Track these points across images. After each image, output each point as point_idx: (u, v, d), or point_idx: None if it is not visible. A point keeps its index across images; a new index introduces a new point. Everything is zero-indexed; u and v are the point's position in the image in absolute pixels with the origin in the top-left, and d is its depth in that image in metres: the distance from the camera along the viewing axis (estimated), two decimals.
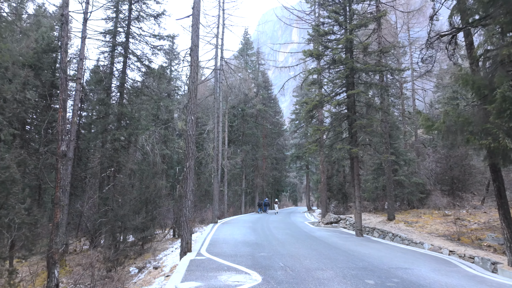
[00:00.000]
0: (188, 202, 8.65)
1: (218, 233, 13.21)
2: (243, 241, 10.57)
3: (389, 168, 15.25)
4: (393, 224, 14.50)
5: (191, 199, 8.72)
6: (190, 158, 8.86)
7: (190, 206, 8.69)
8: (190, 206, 8.69)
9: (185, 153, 8.95)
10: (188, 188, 8.71)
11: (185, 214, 8.58)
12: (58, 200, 7.48)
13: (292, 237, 11.94)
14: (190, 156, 8.87)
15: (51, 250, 7.11)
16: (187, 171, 8.78)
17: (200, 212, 24.81)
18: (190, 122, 9.02)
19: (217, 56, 19.33)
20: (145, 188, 13.26)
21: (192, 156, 8.90)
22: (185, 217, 8.57)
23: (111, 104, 15.05)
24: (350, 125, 12.58)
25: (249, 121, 30.90)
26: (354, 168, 13.04)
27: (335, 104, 12.29)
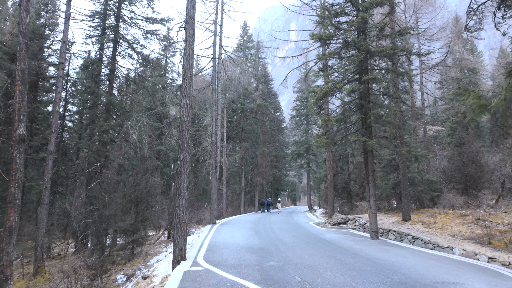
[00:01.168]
0: (182, 201, 7.28)
1: (217, 235, 11.85)
2: (246, 245, 9.21)
3: (404, 164, 13.96)
4: (410, 225, 13.22)
5: (185, 197, 7.35)
6: (185, 149, 7.48)
7: (185, 205, 7.32)
8: (185, 205, 7.32)
9: (178, 143, 7.57)
10: (183, 185, 7.34)
11: (179, 215, 7.21)
12: (13, 198, 6.07)
13: (301, 240, 10.60)
14: (185, 146, 7.50)
15: (1, 263, 5.72)
16: (181, 164, 7.40)
17: (197, 212, 23.42)
18: (184, 107, 7.64)
19: (215, 44, 17.93)
20: (135, 186, 11.86)
21: (187, 146, 7.53)
22: (179, 219, 7.19)
23: (100, 93, 13.61)
24: (365, 115, 11.25)
25: (249, 117, 29.52)
26: (369, 163, 11.72)
27: (349, 91, 10.94)
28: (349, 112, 11.67)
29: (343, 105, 12.16)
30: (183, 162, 7.43)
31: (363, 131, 11.28)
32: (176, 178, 7.47)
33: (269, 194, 41.99)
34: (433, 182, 17.50)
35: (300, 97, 37.77)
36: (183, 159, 7.44)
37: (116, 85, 14.98)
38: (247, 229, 13.94)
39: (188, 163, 7.53)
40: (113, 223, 9.87)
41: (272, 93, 37.03)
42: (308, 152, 36.64)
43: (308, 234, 12.68)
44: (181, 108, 7.70)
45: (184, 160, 7.45)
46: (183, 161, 7.43)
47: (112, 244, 10.01)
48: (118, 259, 10.24)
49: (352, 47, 11.81)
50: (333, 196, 18.15)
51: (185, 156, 7.46)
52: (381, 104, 11.55)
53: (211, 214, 17.15)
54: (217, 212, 20.39)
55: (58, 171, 13.98)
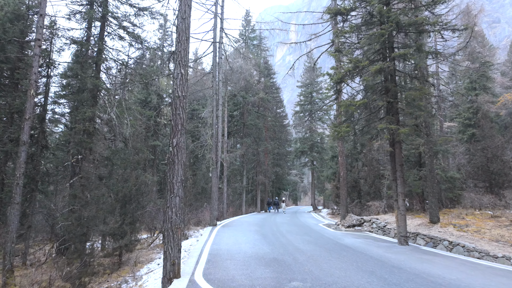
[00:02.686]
0: (175, 200, 5.56)
1: (219, 240, 10.14)
2: (255, 254, 7.50)
3: (431, 158, 12.26)
4: (439, 227, 11.52)
5: (180, 194, 5.63)
6: (179, 132, 5.76)
7: (179, 205, 5.60)
8: (179, 205, 5.60)
9: (170, 125, 5.85)
10: (176, 178, 5.62)
11: (171, 217, 5.49)
12: None
13: (319, 247, 8.89)
14: (179, 129, 5.78)
15: None
16: (174, 152, 5.68)
17: (196, 213, 21.69)
18: (179, 78, 5.92)
19: (216, 27, 16.19)
20: (123, 182, 10.15)
21: (181, 129, 5.80)
22: (171, 223, 5.47)
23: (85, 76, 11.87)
24: (394, 99, 9.54)
25: (251, 111, 27.78)
26: (397, 156, 10.02)
27: (376, 71, 9.22)
28: (374, 95, 9.96)
29: (366, 89, 10.45)
30: (177, 149, 5.71)
31: (390, 118, 9.56)
32: (168, 170, 5.75)
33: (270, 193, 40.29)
34: (456, 180, 15.81)
35: (304, 92, 36.07)
36: (176, 145, 5.72)
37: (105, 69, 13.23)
38: (253, 233, 12.23)
39: (183, 150, 5.81)
40: (93, 226, 8.16)
41: (274, 87, 35.28)
42: (313, 149, 34.95)
43: (323, 238, 10.97)
44: (174, 80, 5.97)
45: (178, 146, 5.72)
46: (176, 147, 5.71)
47: (92, 251, 8.28)
48: (100, 269, 8.52)
49: (377, 20, 10.09)
50: (346, 196, 16.45)
51: (179, 142, 5.74)
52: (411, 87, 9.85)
53: (211, 214, 15.44)
54: (218, 212, 18.69)
55: (37, 165, 12.24)
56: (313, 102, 35.55)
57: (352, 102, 9.52)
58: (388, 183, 17.07)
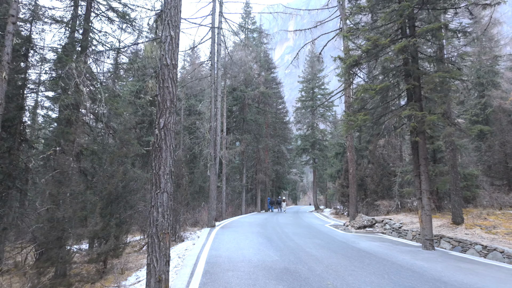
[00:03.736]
0: (162, 197, 4.30)
1: (218, 244, 8.88)
2: (262, 263, 6.25)
3: (454, 152, 11.05)
4: (465, 229, 10.31)
5: (168, 190, 4.37)
6: (167, 110, 4.50)
7: (167, 204, 4.34)
8: (167, 204, 4.34)
9: (157, 102, 4.57)
10: (163, 169, 4.37)
11: (156, 220, 4.23)
12: None
13: (334, 252, 7.65)
14: (168, 106, 4.52)
15: None
16: (161, 136, 4.42)
17: (193, 213, 20.41)
18: (167, 42, 4.65)
19: (215, 11, 14.91)
20: (109, 178, 8.87)
21: (171, 106, 4.55)
22: (156, 227, 4.21)
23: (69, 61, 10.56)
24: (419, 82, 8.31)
25: (251, 106, 26.49)
26: (420, 148, 8.79)
27: (399, 49, 7.97)
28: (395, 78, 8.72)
29: (384, 72, 9.21)
30: (165, 131, 4.44)
31: (414, 105, 8.32)
32: (153, 159, 4.48)
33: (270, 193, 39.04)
34: (474, 177, 14.63)
35: (305, 87, 34.85)
36: (164, 126, 4.45)
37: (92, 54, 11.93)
38: (256, 235, 10.98)
39: (172, 133, 4.54)
40: (68, 228, 6.89)
41: (275, 82, 33.99)
42: (314, 147, 33.73)
43: (335, 242, 9.73)
44: (161, 45, 4.70)
45: (167, 128, 4.46)
46: (164, 129, 4.44)
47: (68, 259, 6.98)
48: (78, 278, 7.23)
49: None
50: (356, 194, 15.23)
51: (167, 122, 4.47)
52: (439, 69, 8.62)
53: (210, 215, 14.17)
54: (216, 212, 17.42)
55: (15, 160, 10.92)
56: (314, 98, 34.33)
57: (371, 86, 8.26)
58: (401, 180, 15.88)
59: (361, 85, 8.30)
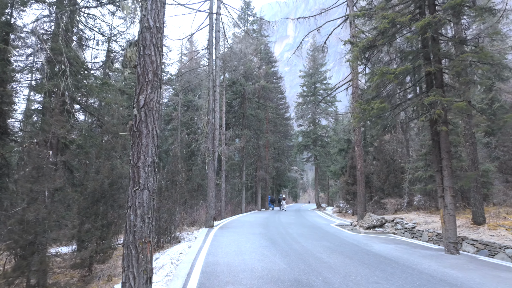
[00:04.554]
0: (142, 195, 3.33)
1: (216, 248, 7.93)
2: (267, 273, 5.30)
3: (474, 146, 10.09)
4: (488, 230, 9.37)
5: (150, 187, 3.40)
6: (149, 85, 3.53)
7: (149, 205, 3.38)
8: (149, 205, 3.38)
9: (136, 74, 3.59)
10: (144, 160, 3.40)
11: (134, 225, 3.27)
12: None
13: (347, 257, 6.70)
14: (150, 79, 3.54)
15: None
16: (141, 117, 3.45)
17: (190, 211, 19.47)
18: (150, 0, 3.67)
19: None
20: (95, 173, 7.90)
21: (154, 79, 3.57)
22: (134, 234, 3.25)
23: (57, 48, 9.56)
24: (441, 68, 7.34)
25: (251, 100, 25.48)
26: (442, 141, 7.83)
27: (423, 26, 6.99)
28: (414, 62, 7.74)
29: (403, 57, 8.24)
30: (145, 111, 3.47)
31: (437, 91, 7.34)
32: (130, 146, 3.49)
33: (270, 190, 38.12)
34: (489, 173, 13.70)
35: (307, 82, 33.81)
36: (144, 105, 3.48)
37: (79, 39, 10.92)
38: (257, 236, 10.03)
39: (156, 114, 3.57)
40: (42, 232, 5.92)
41: (276, 76, 32.94)
42: (316, 143, 32.76)
43: (346, 244, 8.79)
44: (143, 3, 3.71)
45: (148, 108, 3.48)
46: (144, 109, 3.47)
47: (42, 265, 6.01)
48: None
49: None
50: (364, 192, 14.30)
51: (149, 100, 3.50)
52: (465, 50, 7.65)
53: (208, 214, 13.22)
54: (215, 211, 16.49)
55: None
56: (316, 93, 33.32)
57: (389, 69, 7.29)
58: (411, 177, 14.94)
59: (379, 69, 7.31)
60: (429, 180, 14.27)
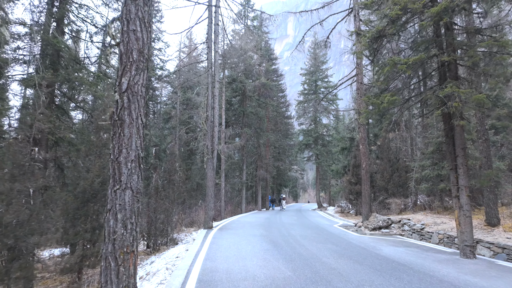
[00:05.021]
0: (124, 197, 2.79)
1: (215, 252, 7.39)
2: (271, 281, 4.76)
3: (487, 143, 9.57)
4: (504, 232, 8.84)
5: (134, 186, 2.85)
6: (133, 65, 2.98)
7: (132, 208, 2.83)
8: (132, 208, 2.83)
9: (118, 52, 3.05)
10: (127, 154, 2.86)
11: (113, 232, 2.72)
12: None
13: (357, 263, 6.17)
14: (135, 58, 3.00)
15: None
16: (124, 103, 2.90)
17: (189, 212, 18.95)
18: None
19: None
20: (85, 173, 7.38)
21: (139, 59, 3.02)
22: (113, 244, 2.70)
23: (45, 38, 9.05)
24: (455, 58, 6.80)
25: (252, 98, 24.93)
26: (457, 136, 7.30)
27: (438, 12, 6.45)
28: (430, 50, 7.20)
29: (415, 46, 7.70)
30: (129, 97, 2.93)
31: (453, 82, 6.80)
32: (111, 138, 2.96)
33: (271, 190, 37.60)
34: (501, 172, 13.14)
35: (308, 80, 33.26)
36: (127, 89, 2.93)
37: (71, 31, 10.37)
38: (259, 239, 9.50)
39: (142, 100, 3.02)
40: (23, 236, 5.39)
41: (277, 73, 32.38)
42: (317, 142, 32.21)
43: (353, 247, 8.25)
44: None
45: (132, 92, 2.94)
46: (127, 94, 2.93)
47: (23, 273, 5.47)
48: None
49: None
50: (369, 192, 13.77)
51: (133, 83, 2.96)
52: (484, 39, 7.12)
53: (206, 215, 12.69)
54: (214, 211, 15.96)
55: None
56: (318, 91, 32.77)
57: (401, 59, 6.74)
58: (417, 176, 14.40)
59: (390, 58, 6.77)
60: (437, 179, 13.76)
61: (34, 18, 10.02)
